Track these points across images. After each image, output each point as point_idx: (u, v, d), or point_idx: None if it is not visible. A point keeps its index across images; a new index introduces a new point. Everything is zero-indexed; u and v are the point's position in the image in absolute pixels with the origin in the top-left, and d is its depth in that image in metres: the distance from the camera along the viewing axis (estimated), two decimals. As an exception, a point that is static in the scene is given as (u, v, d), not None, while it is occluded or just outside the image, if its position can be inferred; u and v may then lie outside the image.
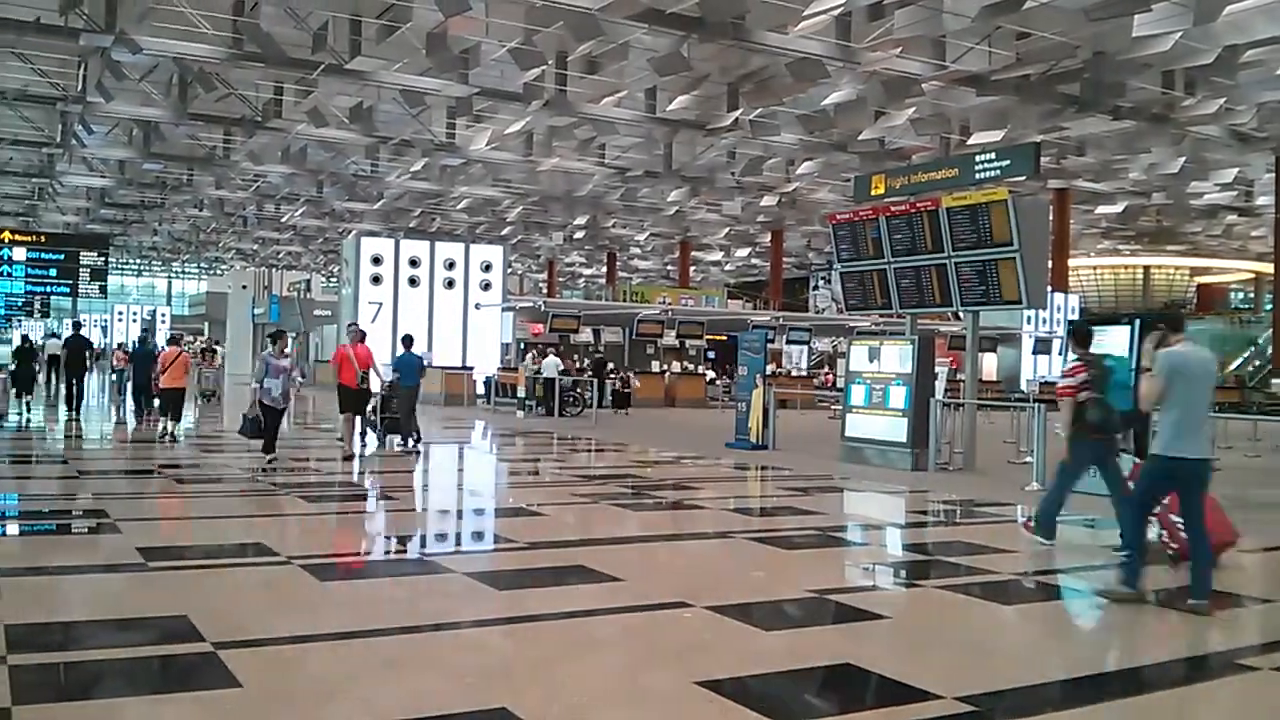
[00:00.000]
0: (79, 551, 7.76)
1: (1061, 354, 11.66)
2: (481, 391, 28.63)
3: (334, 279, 59.40)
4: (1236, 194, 35.90)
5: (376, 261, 31.48)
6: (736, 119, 25.28)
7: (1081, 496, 11.25)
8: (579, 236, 47.97)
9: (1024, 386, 33.95)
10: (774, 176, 33.57)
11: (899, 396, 13.93)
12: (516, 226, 46.16)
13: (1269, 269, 62.62)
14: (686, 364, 35.55)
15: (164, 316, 62.35)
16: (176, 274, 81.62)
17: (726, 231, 46.21)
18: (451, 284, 31.96)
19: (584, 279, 65.95)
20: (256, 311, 54.75)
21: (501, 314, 32.52)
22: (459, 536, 9.35)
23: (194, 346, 38.77)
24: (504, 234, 46.65)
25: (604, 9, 17.82)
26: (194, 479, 11.82)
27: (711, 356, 39.23)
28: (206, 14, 19.74)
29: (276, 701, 4.33)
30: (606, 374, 27.58)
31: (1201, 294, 67.47)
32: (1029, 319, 36.85)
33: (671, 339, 35.21)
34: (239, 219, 46.51)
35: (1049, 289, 28.90)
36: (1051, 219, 28.25)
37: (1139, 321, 11.50)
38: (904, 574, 7.79)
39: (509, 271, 39.24)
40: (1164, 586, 6.74)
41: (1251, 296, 67.35)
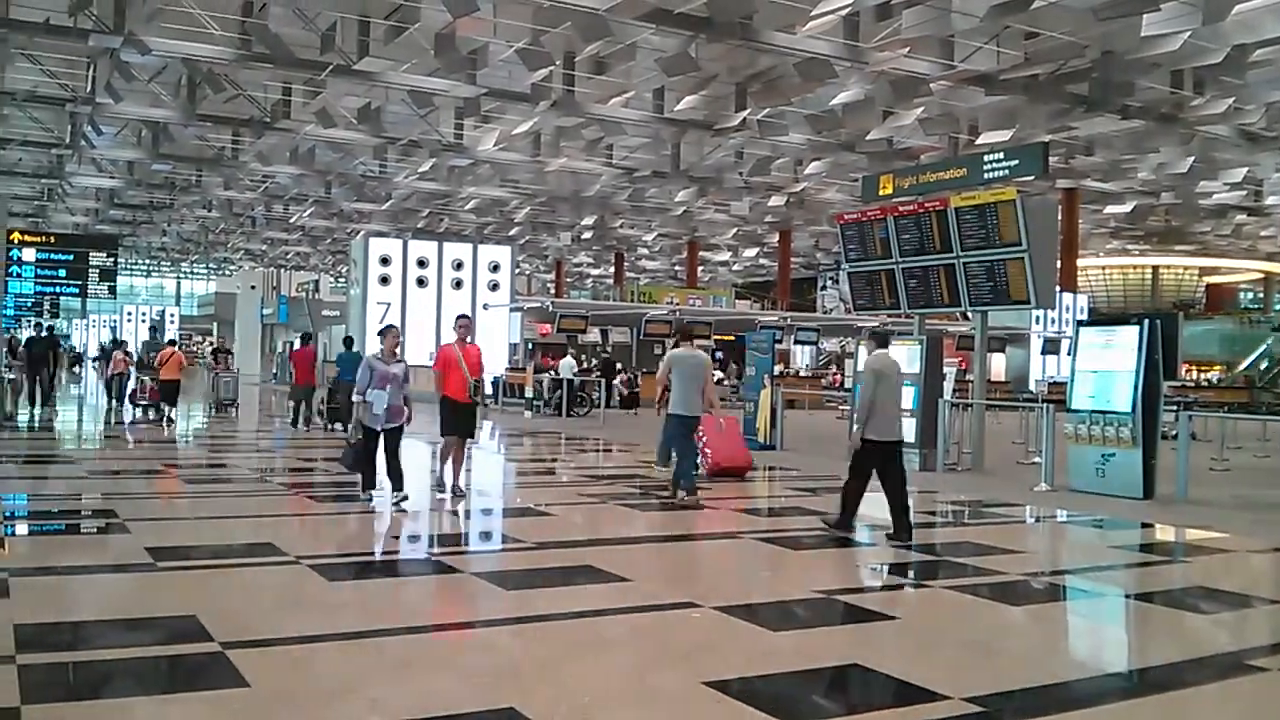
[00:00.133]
0: (88, 551, 7.78)
1: (1070, 354, 11.66)
2: (489, 392, 28.64)
3: (342, 279, 59.51)
4: (1245, 194, 35.74)
5: (385, 262, 31.56)
6: (744, 119, 25.25)
7: (1087, 497, 11.27)
8: (587, 237, 47.99)
9: (1032, 387, 33.86)
10: (782, 176, 33.52)
11: (907, 397, 13.88)
12: (524, 227, 46.19)
13: (1278, 269, 62.89)
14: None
15: (173, 317, 62.50)
16: (185, 274, 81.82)
17: (734, 232, 46.17)
18: (459, 284, 32.01)
19: (591, 279, 65.96)
20: (265, 312, 54.85)
21: (509, 314, 32.56)
22: (467, 536, 9.36)
23: (203, 348, 38.83)
24: (512, 234, 46.71)
25: (612, 9, 17.81)
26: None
27: (719, 357, 39.16)
28: (215, 15, 19.79)
29: (285, 702, 4.34)
30: (615, 374, 27.56)
31: (1211, 294, 67.33)
32: (1037, 319, 36.76)
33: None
34: (247, 219, 46.61)
35: (1057, 289, 28.88)
36: (1060, 219, 28.23)
37: (1148, 322, 11.50)
38: (912, 574, 7.77)
39: (517, 272, 39.26)
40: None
41: (1261, 296, 67.18)
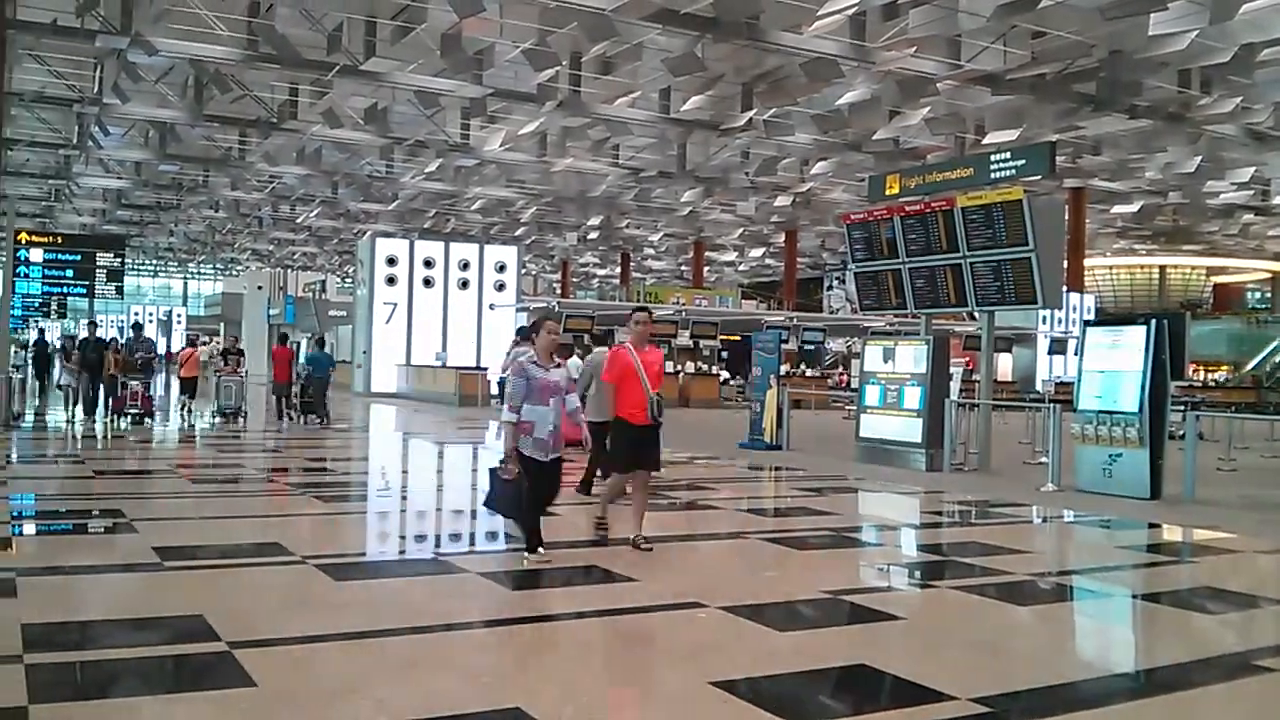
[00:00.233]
0: (95, 551, 7.80)
1: (1077, 354, 11.55)
2: (495, 392, 28.63)
3: (349, 280, 59.61)
4: (1253, 193, 35.62)
5: (391, 262, 31.64)
6: (751, 119, 25.23)
7: (1093, 497, 11.24)
8: (593, 237, 47.96)
9: (1039, 387, 33.78)
10: (788, 176, 33.48)
11: (914, 397, 13.88)
12: (530, 227, 46.19)
13: (1287, 268, 62.78)
14: (700, 364, 35.51)
15: (180, 317, 62.65)
16: (192, 275, 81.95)
17: (740, 232, 46.13)
18: (466, 284, 32.08)
19: (598, 279, 65.93)
20: (272, 312, 54.99)
21: (516, 314, 32.58)
22: (473, 536, 9.36)
23: (210, 347, 38.84)
24: (518, 234, 46.72)
25: (618, 9, 17.80)
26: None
27: (725, 357, 39.13)
28: (222, 15, 19.83)
29: (291, 701, 4.34)
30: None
31: (1218, 294, 67.10)
32: (1044, 319, 36.69)
33: (685, 339, 35.17)
34: (254, 220, 46.68)
35: (1064, 289, 28.82)
36: (1067, 218, 28.17)
37: (1155, 321, 11.47)
38: (919, 575, 7.76)
39: (523, 272, 39.32)
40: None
41: (1268, 296, 66.96)
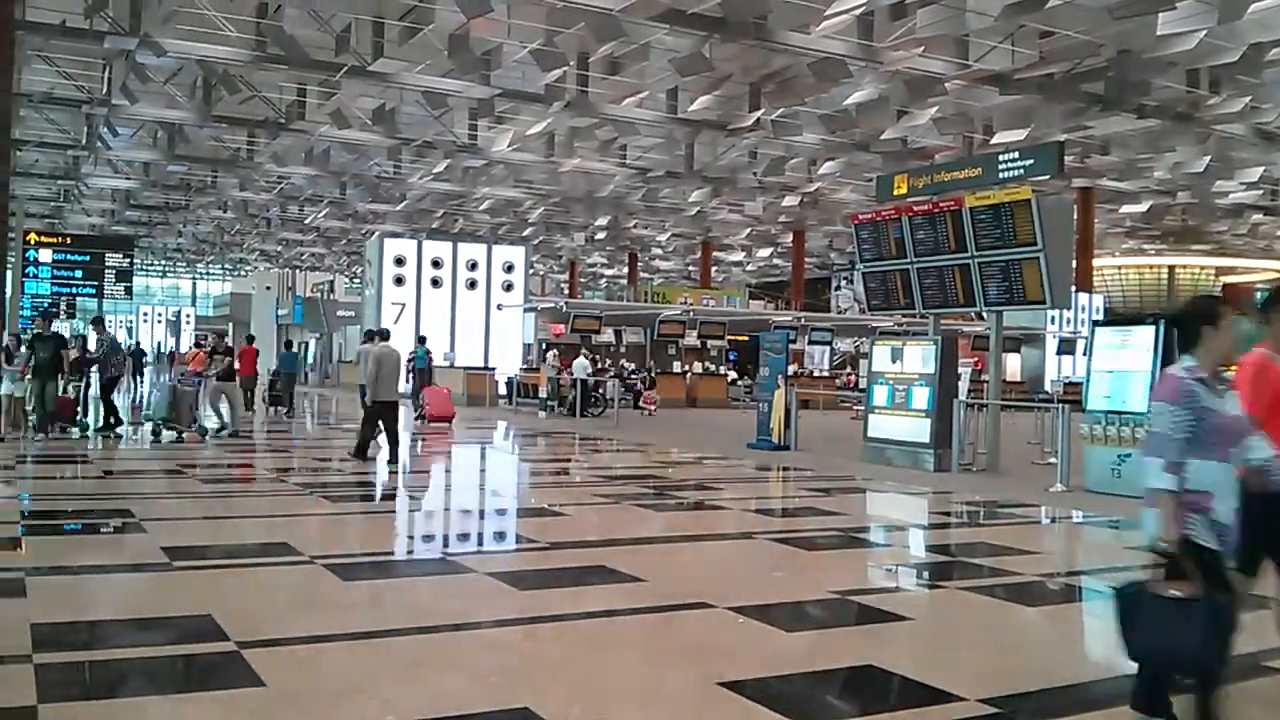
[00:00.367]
0: (104, 551, 7.82)
1: (1086, 354, 11.53)
2: (504, 392, 28.68)
3: (357, 280, 59.72)
4: (1262, 193, 35.51)
5: (399, 262, 31.70)
6: (758, 119, 25.22)
7: (1102, 497, 11.21)
8: (600, 237, 47.98)
9: (1048, 387, 33.72)
10: (796, 176, 33.45)
11: (922, 397, 13.86)
12: (538, 227, 46.23)
13: (1296, 268, 62.60)
14: (708, 364, 35.51)
15: (188, 317, 62.78)
16: (201, 275, 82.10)
17: (748, 232, 46.08)
18: (474, 285, 32.12)
19: (605, 279, 65.97)
20: (280, 313, 55.07)
21: (523, 314, 32.64)
22: (481, 536, 9.37)
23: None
24: (526, 235, 46.75)
25: (625, 10, 17.82)
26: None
27: (733, 357, 39.14)
28: (230, 16, 19.90)
29: (299, 701, 4.35)
30: (630, 375, 27.57)
31: (1227, 294, 66.92)
32: (1053, 319, 36.60)
33: (693, 339, 35.18)
34: (263, 220, 46.79)
35: (1073, 289, 28.73)
36: (1076, 218, 28.12)
37: (1164, 321, 11.44)
38: (927, 575, 7.75)
39: (530, 272, 39.32)
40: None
41: (1279, 296, 66.70)
